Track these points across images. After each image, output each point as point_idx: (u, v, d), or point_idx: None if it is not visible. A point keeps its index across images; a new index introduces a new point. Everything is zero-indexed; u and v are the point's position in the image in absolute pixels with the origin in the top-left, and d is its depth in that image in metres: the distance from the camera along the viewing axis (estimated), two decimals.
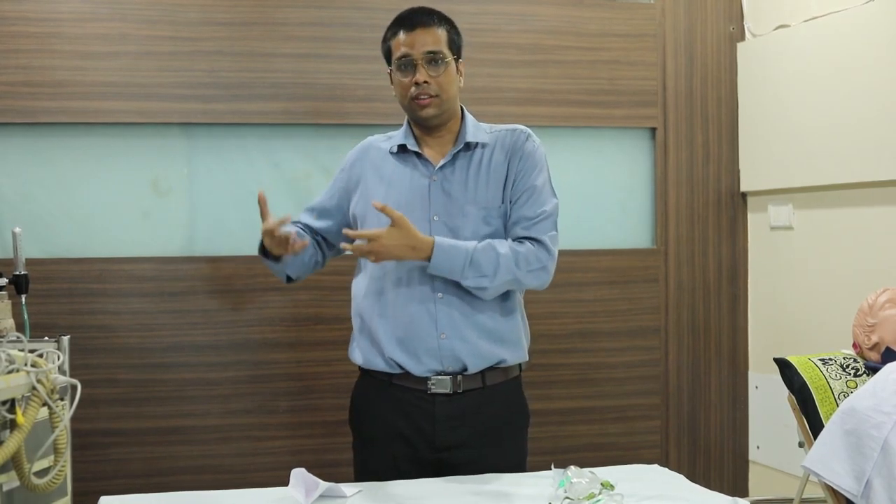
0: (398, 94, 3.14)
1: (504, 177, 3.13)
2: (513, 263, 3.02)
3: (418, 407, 3.07)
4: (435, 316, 3.04)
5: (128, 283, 4.21)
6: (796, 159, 4.48)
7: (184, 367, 4.26)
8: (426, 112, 3.08)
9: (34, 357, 2.53)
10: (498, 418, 3.14)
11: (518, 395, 3.25)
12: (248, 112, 4.28)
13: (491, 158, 3.14)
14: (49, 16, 4.13)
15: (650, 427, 4.74)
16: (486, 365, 3.09)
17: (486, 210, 3.09)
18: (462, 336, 3.04)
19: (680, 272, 4.78)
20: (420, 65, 3.05)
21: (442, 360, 3.04)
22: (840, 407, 3.26)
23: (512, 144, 3.17)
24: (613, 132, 4.74)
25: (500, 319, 3.11)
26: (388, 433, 3.11)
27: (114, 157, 4.25)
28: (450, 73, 3.10)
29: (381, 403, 3.13)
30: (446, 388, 3.05)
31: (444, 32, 3.11)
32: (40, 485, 2.63)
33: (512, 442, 3.20)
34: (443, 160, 3.11)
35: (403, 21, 3.13)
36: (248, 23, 4.30)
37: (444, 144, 3.17)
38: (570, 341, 4.64)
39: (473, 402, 3.08)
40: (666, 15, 4.76)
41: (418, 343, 3.04)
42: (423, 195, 3.10)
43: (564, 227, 4.62)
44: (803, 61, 4.44)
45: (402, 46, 3.09)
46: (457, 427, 3.08)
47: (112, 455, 4.18)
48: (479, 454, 3.08)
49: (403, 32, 3.10)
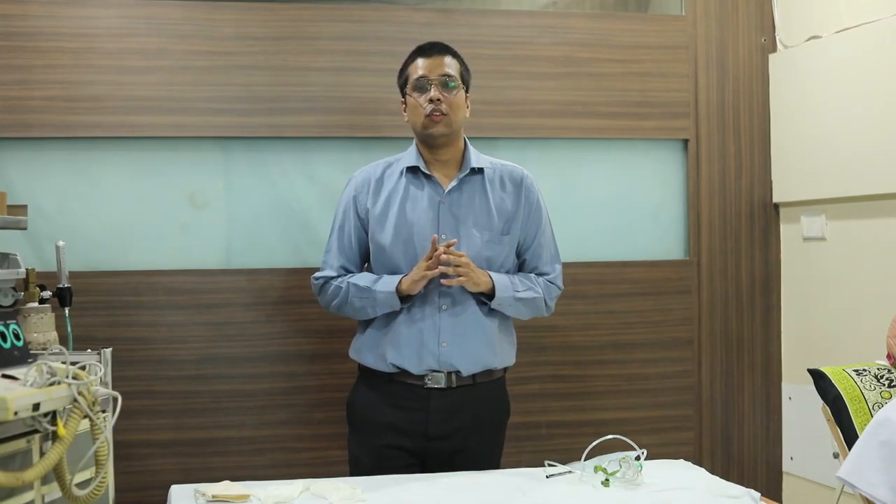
0: (411, 115, 3.50)
1: (511, 214, 3.55)
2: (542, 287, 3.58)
3: (414, 400, 3.45)
4: (438, 326, 3.43)
5: (165, 296, 4.25)
6: (829, 170, 4.47)
7: (220, 379, 4.28)
8: (438, 129, 3.44)
9: (75, 369, 2.56)
10: (485, 413, 3.54)
11: (502, 393, 3.65)
12: (283, 125, 4.31)
13: (494, 188, 3.53)
14: (86, 31, 4.17)
15: (684, 438, 4.74)
16: (478, 370, 3.48)
17: (490, 234, 3.49)
18: (461, 345, 3.44)
19: (713, 283, 4.78)
20: (435, 85, 3.42)
21: (440, 363, 3.43)
22: (874, 417, 3.26)
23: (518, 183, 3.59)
24: (646, 144, 4.75)
25: (496, 331, 3.51)
26: (383, 425, 3.47)
27: (151, 170, 4.29)
28: (460, 98, 3.49)
29: (379, 398, 3.49)
30: (441, 384, 3.44)
31: (457, 63, 3.53)
32: (81, 496, 2.65)
33: (494, 435, 3.62)
34: (451, 183, 3.47)
35: (422, 50, 3.51)
36: (282, 37, 4.33)
37: (449, 168, 3.54)
38: (603, 352, 4.64)
39: (464, 398, 3.46)
40: (697, 27, 4.76)
41: (422, 349, 3.42)
42: (433, 215, 3.46)
43: (598, 239, 4.69)
44: (835, 72, 4.43)
45: (419, 70, 3.48)
46: (448, 419, 3.45)
47: (149, 466, 4.21)
48: (464, 444, 3.48)
49: (421, 59, 3.50)
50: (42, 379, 2.47)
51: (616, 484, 2.95)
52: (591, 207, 4.70)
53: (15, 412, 2.34)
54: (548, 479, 3.04)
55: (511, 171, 3.60)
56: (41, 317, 3.38)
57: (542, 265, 3.61)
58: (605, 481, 2.96)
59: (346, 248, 3.57)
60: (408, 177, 3.51)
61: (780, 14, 4.82)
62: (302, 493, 2.83)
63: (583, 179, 4.69)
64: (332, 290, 3.54)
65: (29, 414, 2.41)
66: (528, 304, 3.53)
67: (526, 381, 4.52)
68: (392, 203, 3.50)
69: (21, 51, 4.11)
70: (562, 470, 3.11)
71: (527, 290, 3.51)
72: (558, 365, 4.59)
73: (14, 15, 4.11)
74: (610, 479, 2.97)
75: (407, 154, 3.57)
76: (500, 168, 3.59)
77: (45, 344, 3.32)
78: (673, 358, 4.73)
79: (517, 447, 4.49)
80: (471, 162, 3.51)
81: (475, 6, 4.64)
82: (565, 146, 4.66)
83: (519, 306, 3.51)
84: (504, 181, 3.56)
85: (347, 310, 3.52)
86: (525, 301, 3.51)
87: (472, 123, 4.41)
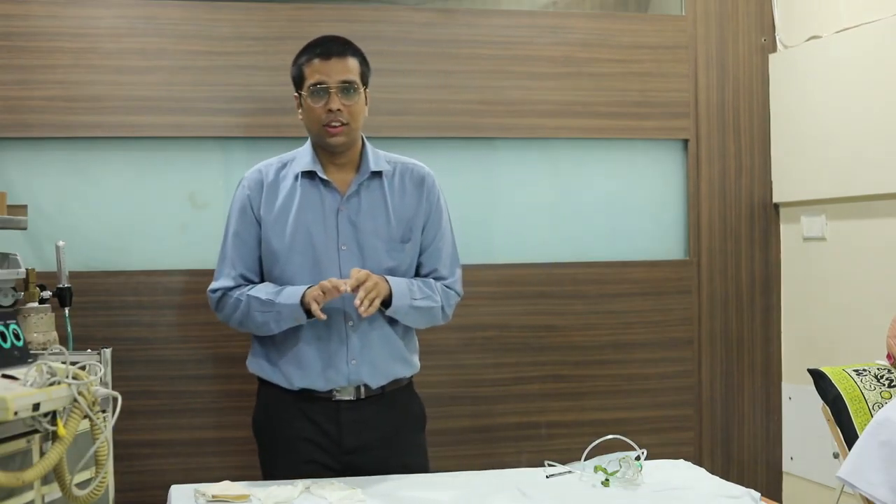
0: (307, 118, 3.26)
1: (411, 217, 3.31)
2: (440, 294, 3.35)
3: (323, 413, 3.25)
4: (346, 344, 3.22)
5: (164, 296, 4.25)
6: (829, 170, 4.48)
7: (220, 379, 4.29)
8: (336, 140, 3.21)
9: (75, 369, 2.55)
10: (398, 422, 3.33)
11: (414, 399, 3.44)
12: (283, 125, 4.30)
13: (393, 191, 3.30)
14: (85, 31, 4.18)
15: (684, 438, 4.74)
16: (386, 381, 3.29)
17: (389, 244, 3.26)
18: (370, 361, 3.24)
19: (713, 283, 4.78)
20: (334, 93, 3.18)
21: (349, 379, 3.23)
22: (874, 417, 3.26)
23: (420, 183, 3.35)
24: (646, 144, 4.75)
25: (401, 343, 3.32)
26: (295, 438, 3.27)
27: (150, 170, 4.30)
28: (360, 103, 3.24)
29: (287, 410, 3.28)
30: (350, 396, 3.25)
31: (356, 63, 3.25)
32: (81, 496, 2.65)
33: (413, 444, 3.39)
34: (349, 190, 3.25)
35: (318, 49, 3.23)
36: (281, 37, 4.33)
37: (346, 171, 3.29)
38: (603, 353, 4.65)
39: (375, 407, 3.27)
40: (697, 27, 4.77)
41: (330, 369, 3.22)
42: (332, 224, 3.24)
43: (598, 239, 4.69)
44: (835, 72, 4.43)
45: (316, 74, 3.20)
46: (361, 431, 3.26)
47: (149, 466, 4.21)
48: (383, 456, 3.26)
49: (319, 60, 3.21)
50: (42, 379, 2.47)
51: (616, 484, 2.95)
52: (591, 207, 4.70)
53: (15, 412, 2.33)
54: (548, 479, 3.03)
55: (412, 169, 3.36)
56: (41, 317, 3.39)
57: (441, 269, 3.37)
58: (605, 481, 2.96)
59: (244, 256, 3.28)
60: (303, 182, 3.25)
61: (780, 14, 4.82)
62: (302, 493, 2.83)
63: (583, 179, 4.69)
64: (232, 303, 3.27)
65: (29, 414, 2.41)
66: (424, 312, 3.29)
67: (526, 381, 4.53)
68: (288, 210, 3.24)
69: (21, 51, 4.11)
70: (562, 470, 3.11)
71: (424, 299, 3.27)
72: (558, 365, 4.59)
73: (14, 15, 4.11)
74: (610, 479, 2.96)
75: (301, 155, 3.32)
76: (401, 167, 3.35)
77: (45, 344, 3.33)
78: (673, 358, 4.73)
79: (517, 447, 4.49)
80: (370, 165, 3.27)
81: (475, 6, 4.64)
82: (565, 146, 4.66)
83: (414, 314, 3.28)
84: (404, 181, 3.32)
85: (249, 325, 3.26)
86: (421, 310, 3.27)
87: (471, 123, 4.44)
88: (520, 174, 4.61)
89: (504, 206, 4.58)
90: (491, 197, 4.53)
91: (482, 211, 4.57)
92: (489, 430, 4.52)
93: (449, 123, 4.47)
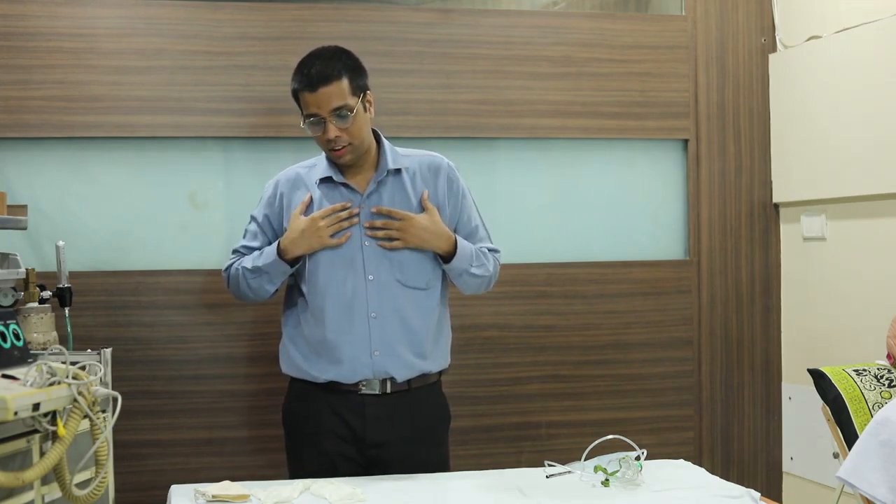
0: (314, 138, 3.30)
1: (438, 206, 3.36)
2: (492, 263, 3.47)
3: (349, 407, 3.31)
4: (369, 334, 3.27)
5: (164, 296, 4.25)
6: (829, 170, 4.48)
7: (220, 379, 4.29)
8: (342, 160, 3.28)
9: (75, 369, 2.56)
10: (423, 419, 3.39)
11: (440, 397, 3.50)
12: (284, 125, 4.30)
13: (415, 184, 3.36)
14: (85, 31, 4.17)
15: (684, 438, 4.74)
16: (412, 376, 3.34)
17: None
18: (394, 352, 3.29)
19: (713, 283, 4.78)
20: (329, 122, 3.20)
21: (374, 371, 3.29)
22: (874, 417, 3.26)
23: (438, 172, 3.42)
24: (646, 144, 4.75)
25: (428, 337, 3.36)
26: (321, 431, 3.32)
27: (151, 170, 4.29)
28: (358, 120, 3.24)
29: (314, 404, 3.34)
30: (375, 390, 3.30)
31: (346, 83, 3.23)
32: (81, 496, 2.65)
33: (437, 441, 3.46)
34: (368, 188, 3.30)
35: (305, 79, 3.23)
36: (282, 37, 4.33)
37: (365, 171, 3.35)
38: (603, 352, 4.64)
39: (400, 404, 3.33)
40: (697, 27, 4.77)
41: (355, 361, 3.26)
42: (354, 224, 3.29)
43: (598, 239, 4.69)
44: (835, 72, 4.43)
45: (309, 106, 3.23)
46: (385, 426, 3.32)
47: (149, 466, 4.21)
48: (406, 452, 3.33)
49: (308, 93, 3.22)
50: (42, 379, 2.47)
51: (616, 484, 2.95)
52: (591, 207, 4.70)
53: (15, 412, 2.34)
54: (548, 479, 3.04)
55: (430, 161, 3.42)
56: (41, 317, 3.39)
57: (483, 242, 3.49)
58: (605, 481, 2.96)
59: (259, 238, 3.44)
60: (322, 188, 3.34)
61: (780, 14, 4.82)
62: (302, 493, 2.83)
63: (583, 179, 4.69)
64: (232, 274, 3.41)
65: (29, 414, 2.41)
66: (478, 279, 3.41)
67: (526, 381, 4.53)
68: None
69: (21, 51, 4.11)
70: (562, 470, 3.11)
71: (480, 267, 3.39)
72: (558, 365, 4.59)
73: (14, 15, 4.11)
74: (610, 479, 2.97)
75: (319, 162, 3.41)
76: (419, 160, 3.41)
77: (45, 344, 3.33)
78: (673, 358, 4.73)
79: (517, 447, 4.49)
80: (388, 163, 3.32)
81: (475, 6, 4.64)
82: (565, 146, 4.66)
83: (468, 279, 3.40)
84: (425, 174, 3.39)
85: (250, 294, 3.39)
86: (476, 276, 3.40)
87: (471, 123, 4.44)
88: (520, 174, 4.61)
89: (504, 206, 4.58)
90: (491, 197, 4.52)
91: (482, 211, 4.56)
92: (489, 430, 4.52)
93: (449, 123, 4.47)
